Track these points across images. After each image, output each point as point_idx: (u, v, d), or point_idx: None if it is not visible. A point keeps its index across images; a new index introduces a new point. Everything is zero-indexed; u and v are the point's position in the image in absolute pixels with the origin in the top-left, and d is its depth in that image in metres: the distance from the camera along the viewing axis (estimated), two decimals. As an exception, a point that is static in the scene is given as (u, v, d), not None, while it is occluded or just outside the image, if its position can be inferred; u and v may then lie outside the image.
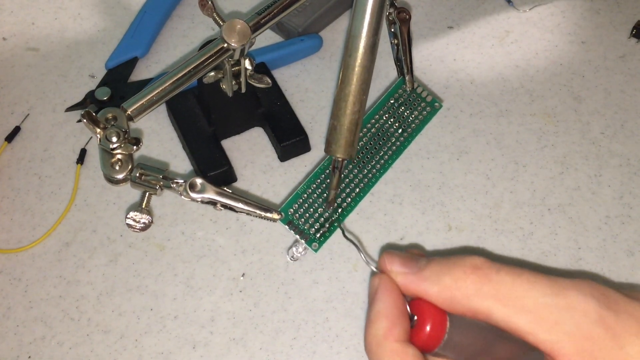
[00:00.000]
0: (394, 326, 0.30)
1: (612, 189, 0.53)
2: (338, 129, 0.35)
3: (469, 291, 0.29)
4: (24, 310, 0.46)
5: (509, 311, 0.28)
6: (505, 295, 0.28)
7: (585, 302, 0.27)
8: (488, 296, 0.28)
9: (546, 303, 0.28)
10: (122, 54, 0.58)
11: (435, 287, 0.30)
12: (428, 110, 0.43)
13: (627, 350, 0.27)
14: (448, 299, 0.29)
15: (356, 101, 0.34)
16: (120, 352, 0.45)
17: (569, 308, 0.27)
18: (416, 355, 0.29)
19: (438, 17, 0.63)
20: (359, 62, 0.34)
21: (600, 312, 0.27)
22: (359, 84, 0.34)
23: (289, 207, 0.38)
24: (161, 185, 0.37)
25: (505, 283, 0.28)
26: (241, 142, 0.55)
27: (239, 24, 0.42)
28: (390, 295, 0.31)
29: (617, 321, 0.27)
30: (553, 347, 0.27)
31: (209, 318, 0.46)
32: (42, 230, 0.50)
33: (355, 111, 0.34)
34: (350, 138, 0.35)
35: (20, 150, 0.54)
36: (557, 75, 0.59)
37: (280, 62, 0.58)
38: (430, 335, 0.30)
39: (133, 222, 0.38)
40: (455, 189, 0.52)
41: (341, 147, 0.35)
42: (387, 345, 0.29)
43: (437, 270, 0.30)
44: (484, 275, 0.29)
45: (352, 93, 0.34)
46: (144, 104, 0.39)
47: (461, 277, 0.29)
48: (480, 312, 0.29)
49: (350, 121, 0.34)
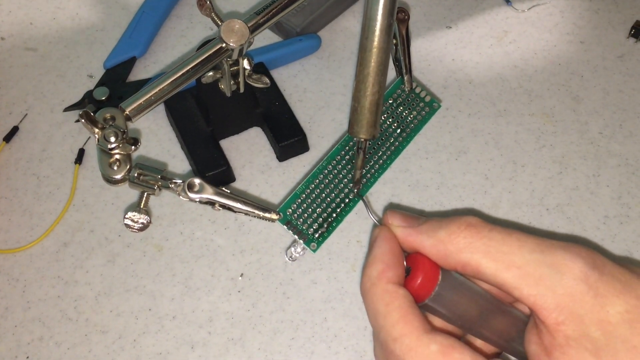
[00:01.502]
0: (388, 269, 0.32)
1: (611, 189, 0.53)
2: (359, 111, 0.36)
3: (460, 245, 0.30)
4: (22, 310, 0.46)
5: (497, 266, 0.29)
6: (495, 250, 0.29)
7: (572, 260, 0.28)
8: (478, 251, 0.30)
9: (533, 259, 0.29)
10: (120, 54, 0.58)
11: (430, 239, 0.31)
12: (427, 110, 0.42)
13: (607, 309, 0.27)
14: (442, 252, 0.31)
15: (375, 82, 0.35)
16: (119, 353, 0.45)
17: (554, 265, 0.28)
18: (406, 296, 0.31)
19: (436, 17, 0.63)
20: (376, 44, 0.35)
21: (585, 270, 0.28)
22: (376, 66, 0.35)
23: (288, 207, 0.38)
24: (159, 185, 0.37)
25: (496, 240, 0.30)
26: (239, 142, 0.55)
27: (237, 23, 0.42)
28: (387, 242, 0.33)
29: (601, 281, 0.28)
30: (535, 302, 0.28)
31: (207, 318, 0.46)
32: (40, 231, 0.50)
33: (375, 92, 0.35)
34: (372, 118, 0.36)
35: (19, 150, 0.54)
36: (555, 75, 0.59)
37: (278, 62, 0.58)
38: (422, 284, 0.31)
39: (131, 222, 0.38)
40: (453, 189, 0.52)
41: (363, 128, 0.36)
42: (380, 286, 0.31)
43: (434, 225, 0.32)
44: (477, 231, 0.30)
45: (371, 74, 0.35)
46: (142, 104, 0.39)
47: (455, 232, 0.30)
48: (470, 266, 0.30)
49: (370, 102, 0.35)
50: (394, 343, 0.30)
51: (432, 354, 0.29)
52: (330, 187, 0.38)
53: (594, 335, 0.27)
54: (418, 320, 0.30)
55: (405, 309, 0.30)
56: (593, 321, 0.27)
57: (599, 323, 0.27)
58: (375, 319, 0.31)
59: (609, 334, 0.27)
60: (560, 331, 0.27)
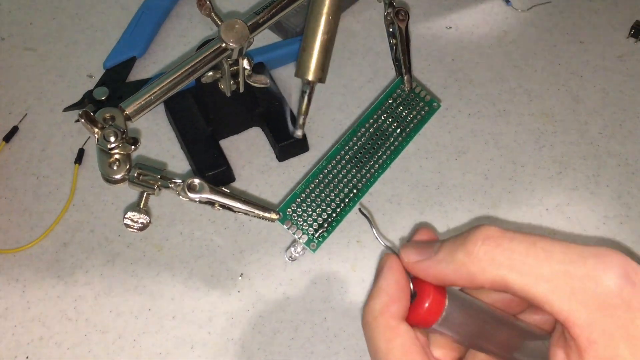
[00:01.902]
0: (392, 303, 0.30)
1: (611, 188, 0.53)
2: (307, 52, 0.35)
3: (482, 263, 0.28)
4: (22, 310, 0.46)
5: (525, 280, 0.27)
6: (520, 263, 0.27)
7: (604, 271, 0.26)
8: (502, 266, 0.28)
9: (563, 271, 0.27)
10: (120, 54, 0.58)
11: (450, 265, 0.29)
12: (426, 110, 0.43)
13: (637, 322, 0.26)
14: (465, 275, 0.29)
15: (325, 23, 0.35)
16: (118, 353, 0.45)
17: (586, 277, 0.27)
18: (408, 331, 0.30)
19: (436, 17, 0.63)
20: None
21: (618, 282, 0.26)
22: (328, 8, 0.35)
23: (287, 207, 0.38)
24: (159, 185, 0.37)
25: (519, 252, 0.28)
26: (239, 142, 0.55)
27: (237, 23, 0.42)
28: (394, 273, 0.31)
29: (634, 292, 0.26)
30: (568, 317, 0.27)
31: (207, 318, 0.46)
32: (40, 231, 0.50)
33: (324, 33, 0.35)
34: (320, 60, 0.35)
35: (18, 150, 0.54)
36: (555, 75, 0.59)
37: (278, 62, 0.58)
38: (429, 310, 0.30)
39: (131, 222, 0.38)
40: (453, 189, 0.52)
41: (309, 70, 0.35)
42: (382, 321, 0.30)
43: (450, 249, 0.30)
44: (496, 244, 0.28)
45: (322, 15, 0.35)
46: (141, 103, 0.39)
47: (473, 251, 0.28)
48: (497, 283, 0.28)
49: (320, 43, 0.35)
50: None
51: None
52: (330, 187, 0.38)
53: (623, 354, 0.26)
54: (420, 358, 0.30)
55: (407, 347, 0.30)
56: (623, 338, 0.26)
57: (629, 339, 0.26)
58: (376, 354, 0.30)
59: (638, 349, 0.26)
60: (592, 350, 0.26)
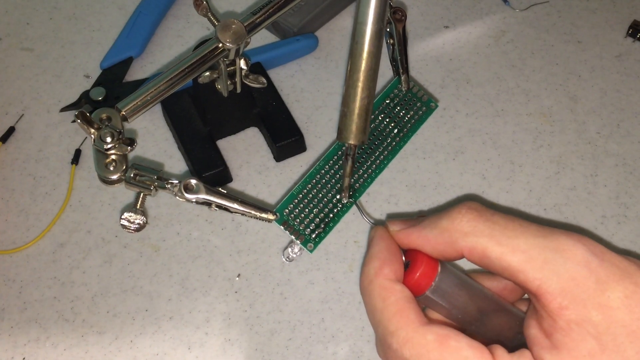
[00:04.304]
0: (385, 265, 0.32)
1: (608, 188, 0.53)
2: (348, 116, 0.35)
3: (465, 229, 0.30)
4: (19, 311, 0.46)
5: (502, 249, 0.29)
6: (499, 234, 0.30)
7: (574, 245, 0.29)
8: (483, 234, 0.30)
9: (537, 244, 0.29)
10: (117, 54, 0.58)
11: (433, 230, 0.31)
12: (424, 110, 0.42)
13: (608, 294, 0.28)
14: (447, 239, 0.31)
15: (365, 87, 0.35)
16: (115, 354, 0.45)
17: (557, 249, 0.29)
18: (403, 291, 0.31)
19: (434, 17, 0.63)
20: (366, 48, 0.34)
21: (587, 256, 0.28)
22: (366, 71, 0.35)
23: (285, 208, 0.38)
24: (156, 185, 0.37)
25: (500, 224, 0.30)
26: (236, 142, 0.54)
27: (234, 23, 0.42)
28: (384, 241, 0.33)
29: (601, 267, 0.28)
30: (540, 286, 0.28)
31: (204, 319, 0.46)
32: (37, 231, 0.49)
33: (364, 97, 0.35)
34: (361, 124, 0.36)
35: (15, 150, 0.53)
36: (553, 75, 0.59)
37: (275, 62, 0.58)
38: (421, 275, 0.32)
39: (128, 223, 0.38)
40: (451, 189, 0.52)
41: (352, 133, 0.36)
42: (377, 282, 0.32)
43: (435, 218, 0.32)
44: (479, 214, 0.30)
45: (361, 79, 0.35)
46: (138, 104, 0.39)
47: (457, 217, 0.31)
48: (476, 250, 0.30)
49: (360, 107, 0.35)
50: (391, 337, 0.30)
51: (428, 343, 0.29)
52: (327, 187, 0.38)
53: (595, 320, 0.27)
54: (414, 313, 0.31)
55: (401, 303, 0.31)
56: (594, 305, 0.28)
57: (600, 307, 0.28)
58: (373, 314, 0.32)
59: (610, 318, 0.27)
60: (563, 315, 0.28)
